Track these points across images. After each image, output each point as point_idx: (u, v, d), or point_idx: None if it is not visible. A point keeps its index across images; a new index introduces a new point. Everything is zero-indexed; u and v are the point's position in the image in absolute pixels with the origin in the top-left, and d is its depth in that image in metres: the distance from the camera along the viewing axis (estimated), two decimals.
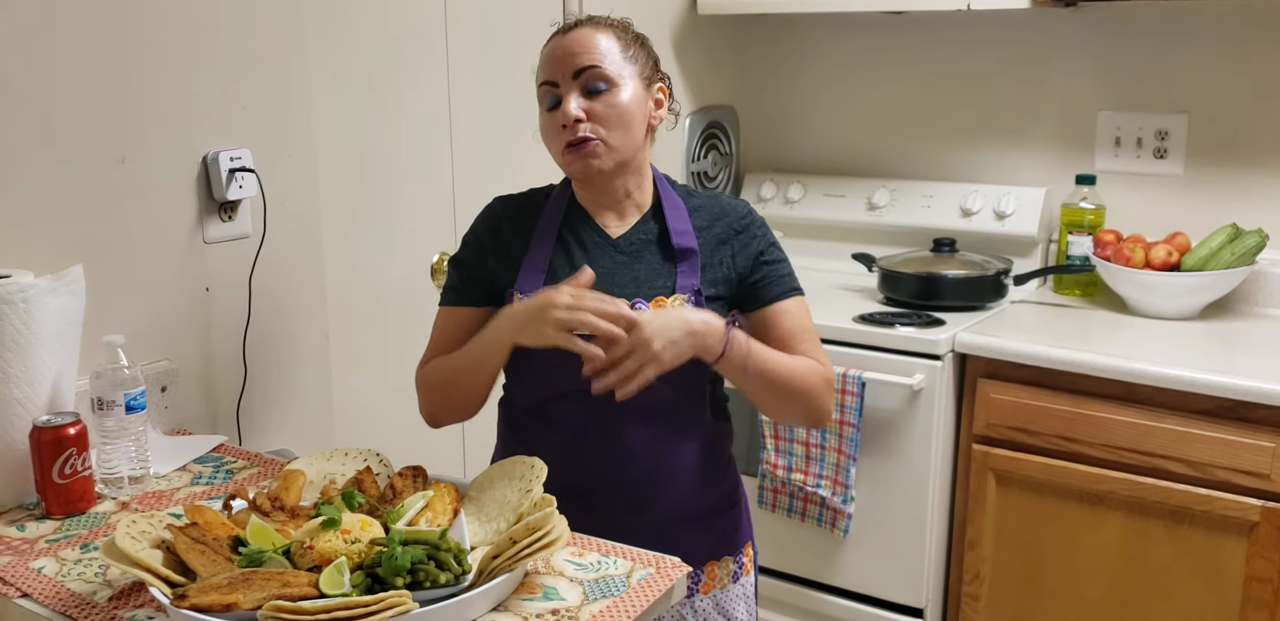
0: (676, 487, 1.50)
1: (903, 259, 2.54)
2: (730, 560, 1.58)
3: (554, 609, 1.15)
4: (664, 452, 1.49)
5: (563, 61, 1.45)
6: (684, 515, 1.51)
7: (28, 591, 1.20)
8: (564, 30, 1.49)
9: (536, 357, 1.43)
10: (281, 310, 1.86)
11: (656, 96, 1.50)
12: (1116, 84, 2.53)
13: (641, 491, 1.48)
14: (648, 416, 1.47)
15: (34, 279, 1.41)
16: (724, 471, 1.58)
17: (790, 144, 2.99)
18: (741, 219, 1.52)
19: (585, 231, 1.51)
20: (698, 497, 1.53)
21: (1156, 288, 2.32)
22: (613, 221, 1.51)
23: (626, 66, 1.46)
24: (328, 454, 1.42)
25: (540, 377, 1.49)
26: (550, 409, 1.50)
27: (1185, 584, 2.06)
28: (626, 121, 1.44)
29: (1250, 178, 2.42)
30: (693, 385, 1.49)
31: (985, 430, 2.23)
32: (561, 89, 1.45)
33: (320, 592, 1.08)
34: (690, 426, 1.51)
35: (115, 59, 1.60)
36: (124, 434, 1.46)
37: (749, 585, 1.62)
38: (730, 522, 1.58)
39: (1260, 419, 1.95)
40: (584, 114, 1.43)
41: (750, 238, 1.51)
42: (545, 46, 1.50)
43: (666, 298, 1.45)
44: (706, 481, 1.54)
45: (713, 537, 1.56)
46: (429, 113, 2.15)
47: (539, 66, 1.49)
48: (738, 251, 1.50)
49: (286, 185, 1.84)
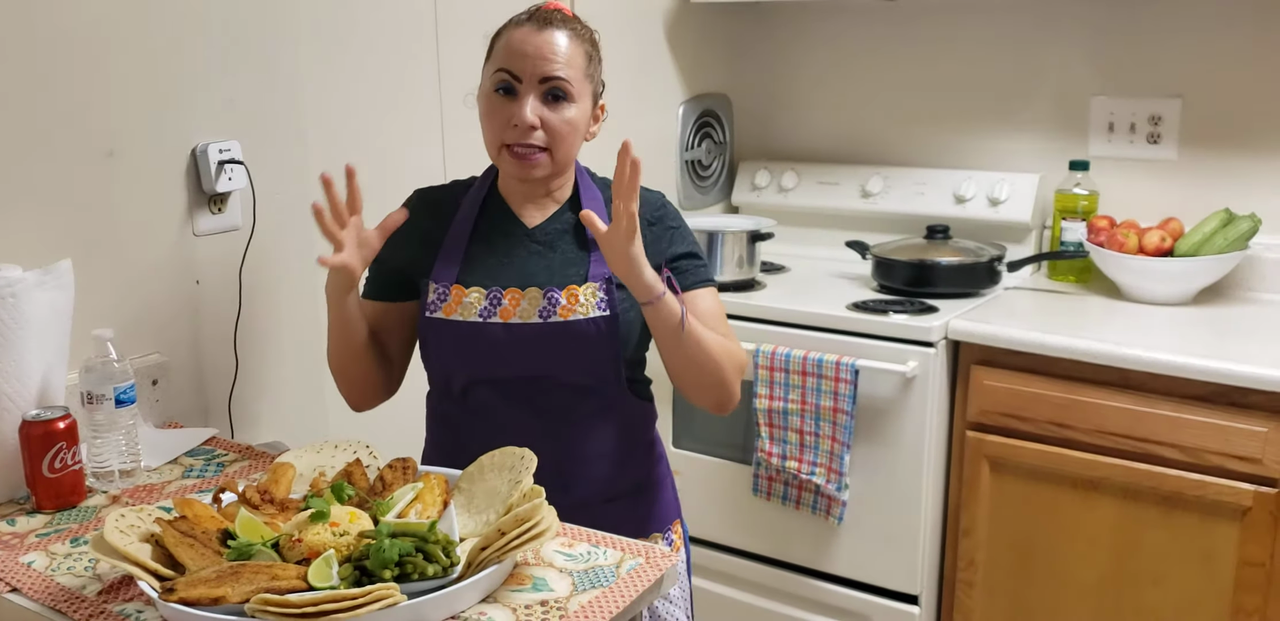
0: (597, 467, 1.56)
1: (896, 246, 2.53)
2: (659, 537, 1.63)
3: (543, 599, 1.15)
4: (583, 434, 1.55)
5: (531, 61, 1.46)
6: (607, 493, 1.57)
7: (17, 586, 1.21)
8: (540, 22, 1.49)
9: (452, 340, 1.50)
10: (272, 302, 1.86)
11: (595, 112, 1.55)
12: (1109, 69, 2.52)
13: (562, 471, 1.51)
14: (563, 400, 1.53)
15: (22, 273, 1.41)
16: (647, 450, 1.63)
17: (784, 132, 2.98)
18: (655, 211, 1.56)
19: (503, 221, 1.56)
20: (619, 476, 1.59)
21: (1150, 273, 2.32)
22: (530, 212, 1.56)
23: (585, 84, 1.50)
24: (317, 446, 1.42)
25: (455, 358, 1.54)
26: (468, 394, 1.55)
27: (1178, 569, 2.07)
28: (573, 137, 1.50)
29: (1244, 162, 2.41)
30: (605, 365, 1.53)
31: (979, 417, 2.23)
32: (523, 87, 1.47)
33: (309, 585, 1.08)
34: (608, 408, 1.56)
35: (102, 51, 1.59)
36: (114, 427, 1.46)
37: (680, 561, 1.66)
38: (656, 500, 1.64)
39: (1253, 404, 1.95)
40: (538, 121, 1.46)
41: (664, 230, 1.56)
42: (514, 29, 1.50)
43: (579, 286, 1.50)
44: (628, 460, 1.60)
45: (639, 515, 1.61)
46: (420, 103, 2.14)
47: (499, 48, 1.50)
48: (650, 243, 1.51)
49: (276, 177, 1.84)
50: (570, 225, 1.55)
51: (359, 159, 2.04)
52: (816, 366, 2.27)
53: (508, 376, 1.52)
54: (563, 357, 1.50)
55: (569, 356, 1.50)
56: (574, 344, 1.50)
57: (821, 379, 2.27)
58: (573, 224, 1.55)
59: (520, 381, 1.52)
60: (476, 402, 1.55)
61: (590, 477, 1.56)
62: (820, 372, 2.27)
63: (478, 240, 1.54)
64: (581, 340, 1.49)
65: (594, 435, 1.56)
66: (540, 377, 1.52)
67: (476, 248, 1.54)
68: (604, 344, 1.51)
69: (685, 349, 1.47)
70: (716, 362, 1.49)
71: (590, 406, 1.55)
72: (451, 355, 1.53)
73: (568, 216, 1.56)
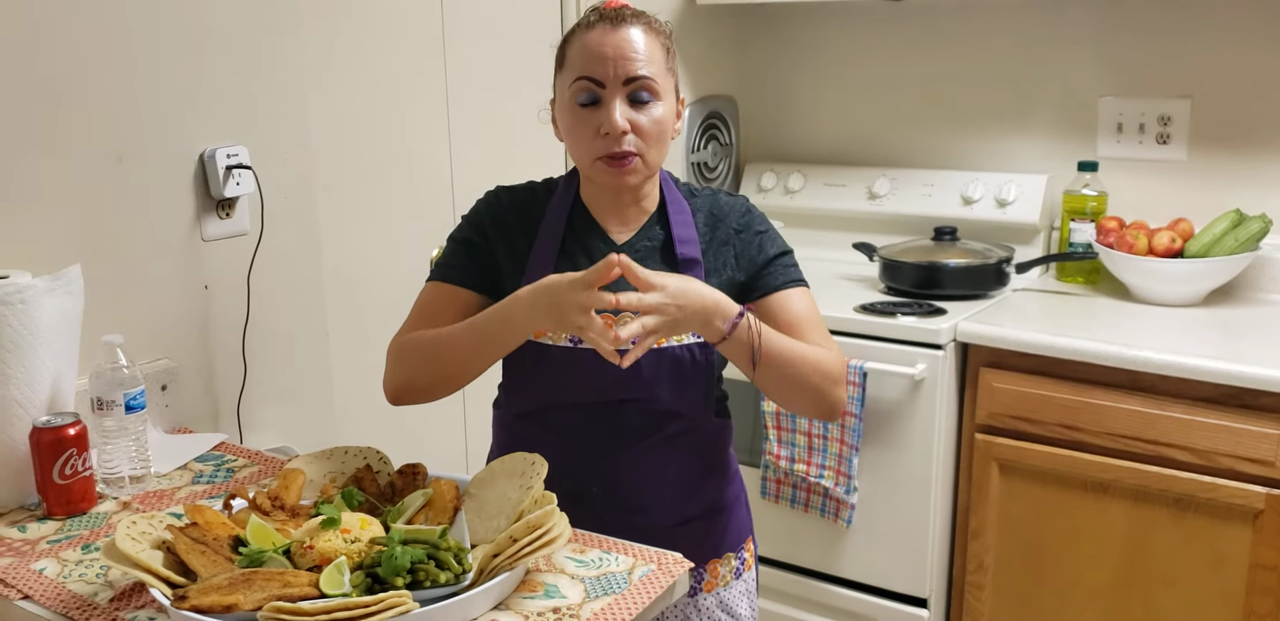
0: (677, 489, 1.50)
1: (904, 248, 2.53)
2: (732, 556, 1.58)
3: (555, 607, 1.15)
4: (664, 457, 1.48)
5: (614, 63, 1.37)
6: (685, 515, 1.51)
7: (29, 593, 1.21)
8: (612, 21, 1.39)
9: (541, 364, 1.42)
10: (281, 307, 1.86)
11: (678, 110, 1.46)
12: (1118, 69, 2.51)
13: (641, 494, 1.47)
14: (649, 423, 1.46)
15: (32, 279, 1.41)
16: (724, 469, 1.57)
17: (790, 133, 2.98)
18: (741, 218, 1.49)
19: (590, 236, 1.47)
20: (698, 497, 1.52)
21: (1160, 274, 2.31)
22: (617, 226, 1.47)
23: (668, 79, 1.41)
24: (327, 452, 1.41)
25: (542, 384, 1.46)
26: (549, 415, 1.48)
27: (1190, 572, 2.06)
28: (663, 137, 1.41)
29: (1254, 163, 2.41)
30: (696, 391, 1.47)
31: (988, 419, 2.22)
32: (607, 92, 1.37)
33: (320, 592, 1.08)
34: (691, 430, 1.49)
35: (111, 57, 1.59)
36: (124, 433, 1.46)
37: (750, 580, 1.61)
38: (731, 519, 1.57)
39: (1264, 406, 1.94)
40: (629, 125, 1.37)
41: (752, 236, 1.48)
42: (585, 33, 1.40)
43: None
44: (707, 481, 1.53)
45: (715, 535, 1.55)
46: (426, 107, 2.14)
47: (574, 55, 1.40)
48: (740, 252, 1.47)
49: (284, 181, 1.84)
50: (660, 242, 1.46)
51: (365, 164, 2.05)
52: None
53: (594, 401, 1.44)
54: (653, 384, 1.43)
55: (660, 383, 1.43)
56: (667, 371, 1.42)
57: None
58: (662, 240, 1.46)
59: (605, 405, 1.44)
60: (555, 423, 1.47)
61: (668, 500, 1.49)
62: None
63: (565, 256, 1.45)
64: (675, 367, 1.43)
65: (673, 458, 1.48)
66: (626, 401, 1.44)
67: (564, 264, 1.44)
68: (697, 371, 1.44)
69: (768, 373, 1.38)
70: (803, 378, 1.39)
71: (673, 430, 1.47)
72: (537, 378, 1.45)
73: (656, 232, 1.47)
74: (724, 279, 1.46)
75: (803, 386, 1.40)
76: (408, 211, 2.15)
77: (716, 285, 1.42)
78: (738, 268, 1.47)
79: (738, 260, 1.47)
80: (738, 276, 1.47)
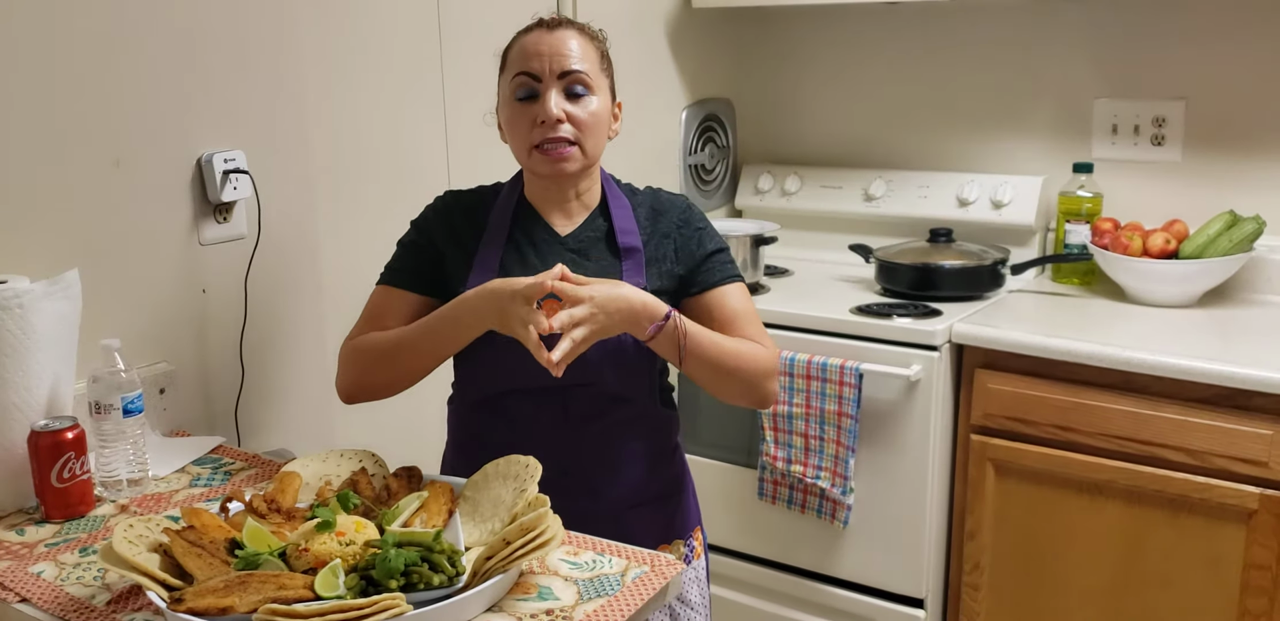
0: (626, 474, 1.57)
1: (899, 249, 2.54)
2: (681, 543, 1.64)
3: (548, 609, 1.15)
4: (613, 441, 1.55)
5: (549, 59, 1.49)
6: (634, 500, 1.57)
7: (27, 596, 1.21)
8: (548, 26, 1.53)
9: (486, 353, 1.49)
10: (278, 310, 1.87)
11: (614, 110, 1.56)
12: (1113, 71, 2.52)
13: (592, 478, 1.54)
14: (596, 407, 1.53)
15: (30, 284, 1.41)
16: (670, 457, 1.64)
17: (787, 136, 2.99)
18: (682, 214, 1.58)
19: (535, 229, 1.55)
20: (646, 483, 1.59)
21: (1154, 275, 2.32)
22: (561, 220, 1.56)
23: (602, 78, 1.53)
24: (323, 455, 1.42)
25: (490, 373, 1.53)
26: (499, 403, 1.55)
27: (1185, 572, 2.07)
28: (599, 129, 1.51)
29: (1248, 164, 2.41)
30: (640, 376, 1.55)
31: (983, 420, 2.23)
32: (543, 85, 1.48)
33: (315, 595, 1.09)
34: (638, 416, 1.57)
35: (108, 62, 1.60)
36: (122, 437, 1.47)
37: (700, 568, 1.67)
38: (679, 507, 1.65)
39: (1258, 407, 1.95)
40: (564, 114, 1.47)
41: (692, 231, 1.57)
42: (524, 36, 1.53)
43: None
44: (654, 467, 1.61)
45: (663, 522, 1.62)
46: (423, 111, 2.15)
47: (513, 55, 1.52)
48: (680, 246, 1.55)
49: (281, 186, 1.85)
50: (603, 233, 1.55)
51: (363, 168, 2.06)
52: (820, 370, 2.27)
53: (542, 385, 1.50)
54: (599, 368, 1.49)
55: (604, 367, 1.49)
56: (610, 355, 1.49)
57: (826, 383, 2.27)
58: (604, 231, 1.55)
59: (553, 390, 1.51)
60: (506, 409, 1.54)
61: (618, 484, 1.56)
62: (824, 376, 2.27)
63: (510, 250, 1.54)
64: (619, 352, 1.49)
65: (623, 442, 1.56)
66: (573, 386, 1.50)
67: (510, 257, 1.53)
68: (641, 356, 1.51)
69: (697, 367, 1.47)
70: (729, 372, 1.48)
71: (621, 415, 1.55)
72: (487, 365, 1.53)
73: (599, 223, 1.56)
74: (664, 270, 1.54)
75: (729, 380, 1.49)
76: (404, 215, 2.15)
77: (656, 275, 1.52)
78: (677, 261, 1.55)
79: (677, 254, 1.55)
80: (676, 269, 1.54)
